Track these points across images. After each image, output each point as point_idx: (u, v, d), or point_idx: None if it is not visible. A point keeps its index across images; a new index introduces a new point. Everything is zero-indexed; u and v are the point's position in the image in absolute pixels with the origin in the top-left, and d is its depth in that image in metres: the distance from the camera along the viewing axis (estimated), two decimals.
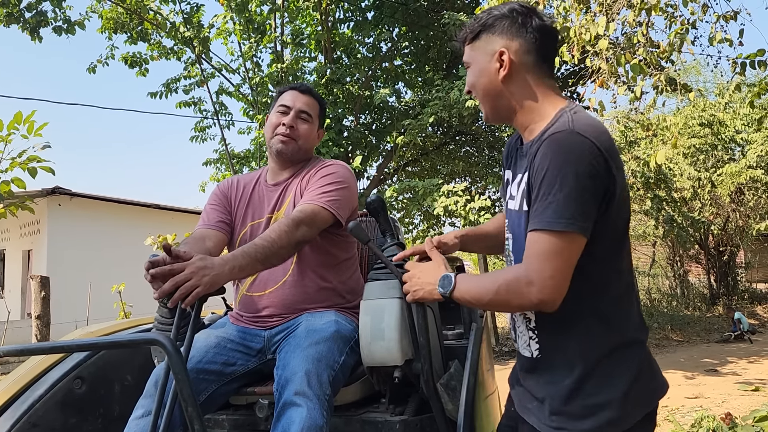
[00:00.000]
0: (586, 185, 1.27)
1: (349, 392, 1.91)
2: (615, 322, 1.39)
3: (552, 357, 1.42)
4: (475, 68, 1.48)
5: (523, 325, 1.48)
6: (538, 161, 1.32)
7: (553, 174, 1.28)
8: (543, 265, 1.28)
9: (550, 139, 1.31)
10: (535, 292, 1.28)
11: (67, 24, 9.18)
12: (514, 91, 1.45)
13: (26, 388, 1.92)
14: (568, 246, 1.28)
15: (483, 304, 1.42)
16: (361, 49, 10.89)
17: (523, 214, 1.40)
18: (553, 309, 1.31)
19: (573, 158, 1.28)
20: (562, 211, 1.26)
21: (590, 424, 1.34)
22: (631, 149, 10.35)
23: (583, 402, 1.35)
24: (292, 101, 2.17)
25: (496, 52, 1.44)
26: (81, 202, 13.73)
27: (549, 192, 1.28)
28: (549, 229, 1.27)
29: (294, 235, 1.85)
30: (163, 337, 1.25)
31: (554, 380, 1.40)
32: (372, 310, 1.76)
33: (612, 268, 1.40)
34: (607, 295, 1.39)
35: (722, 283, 16.23)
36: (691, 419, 5.12)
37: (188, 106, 10.23)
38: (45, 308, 5.50)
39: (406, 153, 11.32)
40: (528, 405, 1.48)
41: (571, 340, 1.39)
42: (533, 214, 1.32)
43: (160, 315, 1.88)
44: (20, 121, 4.26)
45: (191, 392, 1.25)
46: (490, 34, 1.46)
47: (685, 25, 5.32)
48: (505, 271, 1.38)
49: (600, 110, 6.23)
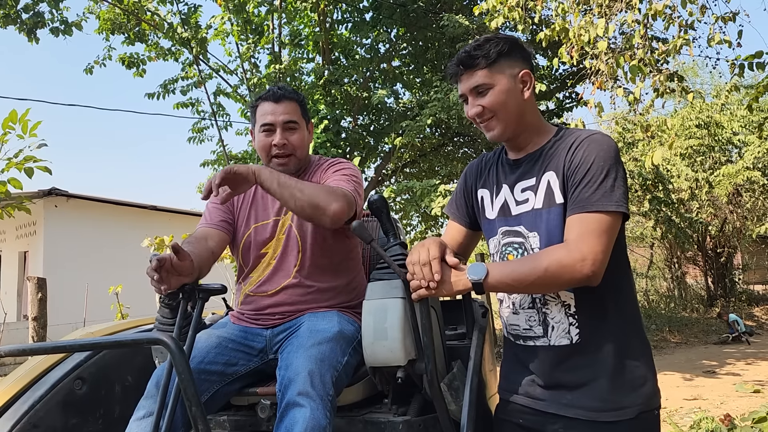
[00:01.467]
0: (623, 175, 1.50)
1: (351, 393, 1.90)
2: (635, 300, 1.61)
3: (591, 339, 1.54)
4: (500, 90, 1.60)
5: (560, 314, 1.56)
6: (580, 155, 1.52)
7: (599, 165, 1.49)
8: (594, 242, 1.43)
9: (590, 139, 1.54)
10: (588, 266, 1.42)
11: (64, 25, 9.16)
12: (529, 110, 1.64)
13: (26, 388, 1.91)
14: (614, 225, 1.47)
15: (525, 286, 1.50)
16: (360, 50, 10.87)
17: (555, 208, 1.54)
18: (597, 283, 1.46)
19: (613, 153, 1.52)
20: (611, 195, 1.46)
21: (637, 398, 1.49)
22: (630, 150, 10.37)
23: (630, 377, 1.51)
24: (273, 116, 2.07)
25: (520, 74, 1.61)
26: (78, 203, 13.68)
27: (596, 179, 1.47)
28: (601, 210, 1.45)
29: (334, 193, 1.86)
30: (166, 336, 1.24)
31: (598, 361, 1.51)
32: (375, 309, 1.75)
33: (625, 250, 1.60)
34: (627, 275, 1.60)
35: (720, 284, 16.27)
36: (690, 421, 5.12)
37: (186, 107, 10.19)
38: (42, 310, 5.47)
39: (405, 154, 11.32)
40: (562, 400, 1.51)
41: (608, 319, 1.54)
42: (578, 200, 1.49)
43: (161, 315, 1.87)
44: (15, 120, 4.23)
45: (195, 392, 1.24)
46: (508, 58, 1.61)
47: (684, 26, 5.33)
48: (548, 252, 1.48)
49: (599, 111, 6.25)
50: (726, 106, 12.86)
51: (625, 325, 1.54)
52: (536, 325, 1.59)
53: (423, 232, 11.90)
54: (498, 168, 1.71)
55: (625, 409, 1.47)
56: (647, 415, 1.50)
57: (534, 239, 1.57)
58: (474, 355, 1.88)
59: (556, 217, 1.53)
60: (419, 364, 1.72)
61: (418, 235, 11.95)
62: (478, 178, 1.76)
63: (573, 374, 1.52)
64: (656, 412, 1.53)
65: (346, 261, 2.12)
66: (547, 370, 1.56)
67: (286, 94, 2.11)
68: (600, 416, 1.47)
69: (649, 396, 1.51)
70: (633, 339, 1.54)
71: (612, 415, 1.47)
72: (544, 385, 1.56)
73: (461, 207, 1.80)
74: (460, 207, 1.80)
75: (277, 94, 2.11)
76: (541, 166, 1.59)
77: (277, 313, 2.01)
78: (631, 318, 1.57)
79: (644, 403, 1.49)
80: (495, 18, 6.21)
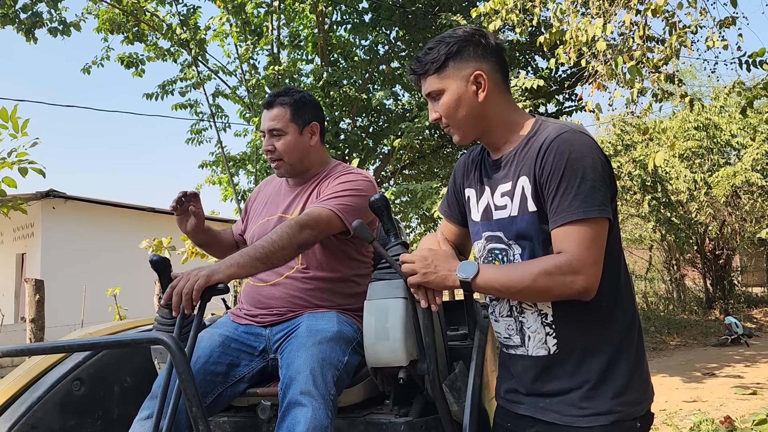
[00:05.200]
0: (601, 175, 1.40)
1: (352, 393, 1.89)
2: (625, 305, 1.50)
3: (571, 349, 1.46)
4: (451, 96, 1.52)
5: (536, 323, 1.49)
6: (550, 161, 1.41)
7: (572, 168, 1.39)
8: (585, 253, 1.36)
9: (559, 140, 1.42)
10: (581, 281, 1.36)
11: (62, 25, 9.13)
12: (492, 110, 1.53)
13: (24, 389, 1.90)
14: (602, 232, 1.40)
15: (512, 293, 1.45)
16: (358, 51, 10.87)
17: (529, 216, 1.46)
18: (592, 297, 1.39)
19: (587, 153, 1.41)
20: (592, 200, 1.37)
21: (615, 405, 1.42)
22: (628, 152, 10.36)
23: (611, 385, 1.43)
24: (263, 123, 2.16)
25: (470, 76, 1.51)
26: (75, 205, 13.64)
27: (572, 185, 1.38)
28: (585, 218, 1.36)
29: (296, 238, 1.84)
30: (166, 336, 1.23)
31: (578, 372, 1.45)
32: (376, 309, 1.74)
33: (617, 252, 1.49)
34: (617, 280, 1.49)
35: (718, 287, 16.27)
36: (690, 423, 5.11)
37: (184, 108, 10.16)
38: (39, 312, 5.45)
39: (403, 156, 11.30)
40: (540, 404, 1.47)
41: (592, 329, 1.46)
42: (558, 209, 1.40)
43: (161, 315, 1.86)
44: (6, 118, 4.22)
45: (196, 392, 1.22)
46: (457, 60, 1.51)
47: (681, 30, 5.33)
48: (540, 261, 1.42)
49: (597, 113, 6.24)
50: (724, 108, 12.87)
51: (612, 334, 1.46)
52: (514, 334, 1.54)
53: (422, 233, 11.89)
54: (481, 168, 1.64)
55: (601, 415, 1.41)
56: (625, 424, 1.43)
57: (516, 248, 1.52)
58: (476, 356, 1.87)
59: (529, 225, 1.46)
60: (421, 365, 1.71)
61: (417, 237, 11.94)
62: (465, 176, 1.70)
63: (551, 384, 1.47)
64: (638, 423, 1.45)
65: (349, 261, 2.11)
66: (526, 379, 1.51)
67: (276, 100, 2.15)
68: (575, 421, 1.42)
69: (631, 404, 1.44)
70: (621, 347, 1.46)
71: (587, 421, 1.41)
72: (524, 392, 1.52)
73: (453, 205, 1.75)
74: (452, 205, 1.76)
75: (268, 100, 2.17)
76: (516, 169, 1.50)
77: (275, 307, 2.00)
78: (621, 325, 1.47)
79: (623, 411, 1.42)
80: (493, 20, 6.21)
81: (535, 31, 8.16)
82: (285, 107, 2.14)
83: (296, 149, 2.14)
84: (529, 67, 11.22)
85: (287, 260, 1.88)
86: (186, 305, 1.59)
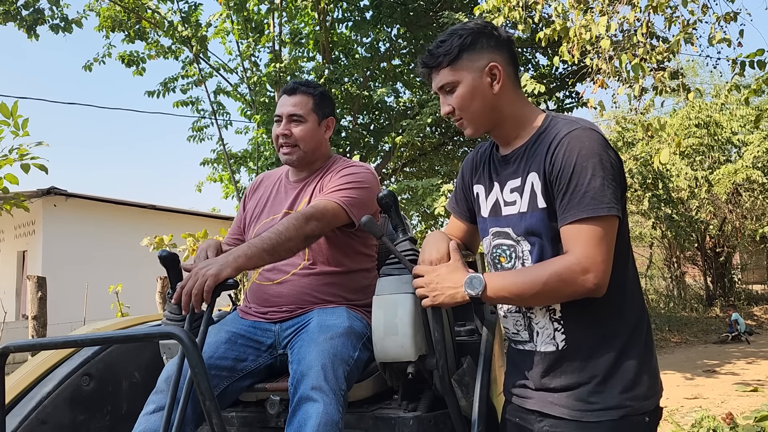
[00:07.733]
0: (612, 172, 1.40)
1: (361, 388, 1.89)
2: (633, 300, 1.50)
3: (580, 345, 1.46)
4: (465, 88, 1.51)
5: (544, 319, 1.49)
6: (560, 158, 1.41)
7: (582, 165, 1.38)
8: (594, 252, 1.36)
9: (570, 136, 1.42)
10: (591, 279, 1.35)
11: (64, 22, 9.13)
12: (505, 103, 1.53)
13: (34, 385, 1.91)
14: (611, 230, 1.39)
15: (524, 299, 1.45)
16: (360, 49, 10.86)
17: (539, 212, 1.46)
18: (602, 294, 1.38)
19: (597, 150, 1.40)
20: (601, 198, 1.36)
21: (625, 400, 1.41)
22: (629, 149, 10.36)
23: (620, 379, 1.43)
24: (282, 108, 2.14)
25: (485, 67, 1.50)
26: (77, 202, 13.64)
27: (582, 183, 1.38)
28: (594, 216, 1.36)
29: (303, 229, 1.83)
30: (179, 329, 1.23)
31: (587, 366, 1.44)
32: (385, 305, 1.74)
33: (626, 248, 1.49)
34: (626, 276, 1.49)
35: (719, 284, 16.29)
36: (691, 420, 5.12)
37: (186, 105, 10.16)
38: (42, 309, 5.45)
39: (405, 153, 11.30)
40: (548, 398, 1.48)
41: (600, 324, 1.46)
42: (568, 207, 1.40)
43: (169, 311, 1.87)
44: (7, 114, 4.20)
45: (209, 385, 1.22)
46: (471, 52, 1.50)
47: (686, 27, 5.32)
48: (548, 264, 1.42)
49: (600, 110, 6.24)
50: (725, 105, 12.87)
51: (620, 328, 1.46)
52: (522, 329, 1.54)
53: (423, 231, 11.89)
54: (490, 163, 1.63)
55: (610, 410, 1.41)
56: (635, 419, 1.43)
57: (524, 244, 1.51)
58: (484, 351, 1.88)
59: (538, 222, 1.46)
60: (430, 360, 1.71)
61: (418, 235, 11.94)
62: (473, 172, 1.69)
63: (560, 379, 1.47)
64: (647, 417, 1.45)
65: (355, 255, 2.11)
66: (535, 375, 1.51)
67: (300, 89, 2.15)
68: (584, 416, 1.42)
69: (640, 399, 1.43)
70: (630, 342, 1.45)
71: (596, 416, 1.41)
72: (533, 387, 1.52)
73: (461, 202, 1.74)
74: (460, 202, 1.75)
75: (290, 87, 2.17)
76: (526, 165, 1.50)
77: (284, 306, 2.00)
78: (629, 320, 1.47)
79: (632, 406, 1.42)
80: (495, 18, 6.20)
81: (536, 29, 8.15)
82: (309, 96, 2.15)
83: (313, 139, 2.14)
84: (529, 65, 11.22)
85: (294, 252, 1.87)
86: (196, 305, 1.60)
